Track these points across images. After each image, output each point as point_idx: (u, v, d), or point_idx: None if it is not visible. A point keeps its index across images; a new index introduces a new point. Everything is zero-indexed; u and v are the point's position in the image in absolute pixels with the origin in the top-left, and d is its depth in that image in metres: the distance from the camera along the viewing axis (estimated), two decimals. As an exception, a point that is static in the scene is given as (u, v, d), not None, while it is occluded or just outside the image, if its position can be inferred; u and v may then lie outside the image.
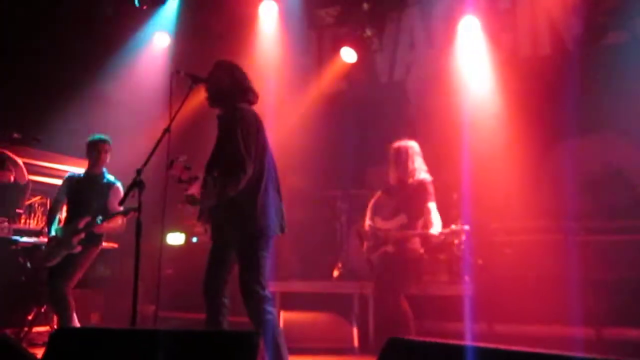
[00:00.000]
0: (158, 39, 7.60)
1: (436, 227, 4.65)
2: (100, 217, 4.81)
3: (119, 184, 5.05)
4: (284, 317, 5.73)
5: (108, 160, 5.11)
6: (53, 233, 4.96)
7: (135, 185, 3.32)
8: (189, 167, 3.52)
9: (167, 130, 3.50)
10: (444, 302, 5.49)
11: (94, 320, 6.47)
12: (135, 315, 3.19)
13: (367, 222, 5.09)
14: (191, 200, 3.62)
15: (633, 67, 5.28)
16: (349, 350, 5.62)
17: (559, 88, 5.82)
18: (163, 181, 3.60)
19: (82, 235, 4.81)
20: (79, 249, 4.80)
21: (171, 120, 3.52)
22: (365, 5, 7.08)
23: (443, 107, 6.51)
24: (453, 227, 4.76)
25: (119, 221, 4.90)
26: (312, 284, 6.37)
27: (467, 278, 5.53)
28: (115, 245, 6.38)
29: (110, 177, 5.10)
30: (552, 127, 5.96)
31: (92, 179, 5.07)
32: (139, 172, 3.33)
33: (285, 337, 3.61)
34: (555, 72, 6.06)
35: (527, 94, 6.09)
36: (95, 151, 5.04)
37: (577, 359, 1.95)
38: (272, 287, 6.01)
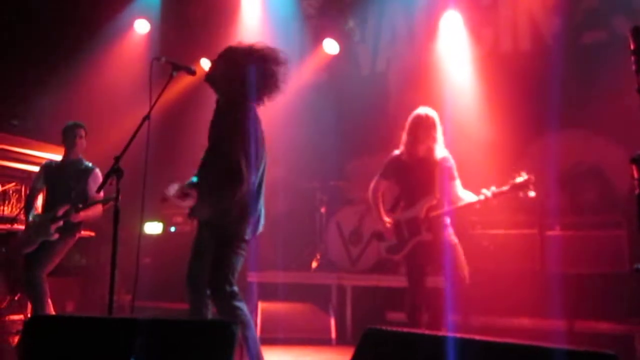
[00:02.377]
0: (139, 26, 7.51)
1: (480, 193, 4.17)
2: (76, 207, 4.75)
3: (97, 169, 5.01)
4: (262, 308, 5.72)
5: (84, 145, 5.08)
6: (30, 220, 4.90)
7: (113, 172, 3.28)
8: (187, 193, 3.46)
9: (146, 117, 3.45)
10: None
11: (69, 309, 6.40)
12: (111, 304, 3.15)
13: (385, 218, 4.51)
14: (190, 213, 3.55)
15: (611, 65, 5.33)
16: (326, 340, 5.65)
17: (539, 84, 5.87)
18: (142, 169, 3.56)
19: (61, 223, 4.75)
20: (56, 236, 4.74)
21: (151, 108, 3.48)
22: (348, -3, 7.08)
23: (424, 101, 6.51)
24: (515, 181, 4.12)
25: (96, 209, 4.86)
26: (290, 274, 6.39)
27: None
28: (92, 234, 6.30)
29: (88, 163, 5.06)
30: (530, 123, 6.01)
31: (70, 165, 5.03)
32: (117, 159, 3.29)
33: (263, 328, 3.62)
34: (535, 68, 6.12)
35: (507, 89, 6.14)
36: (71, 136, 5.01)
37: (550, 350, 1.98)
38: (250, 278, 6.07)
